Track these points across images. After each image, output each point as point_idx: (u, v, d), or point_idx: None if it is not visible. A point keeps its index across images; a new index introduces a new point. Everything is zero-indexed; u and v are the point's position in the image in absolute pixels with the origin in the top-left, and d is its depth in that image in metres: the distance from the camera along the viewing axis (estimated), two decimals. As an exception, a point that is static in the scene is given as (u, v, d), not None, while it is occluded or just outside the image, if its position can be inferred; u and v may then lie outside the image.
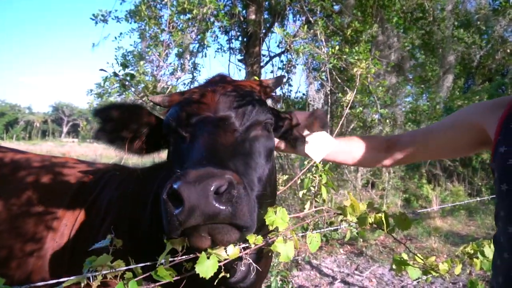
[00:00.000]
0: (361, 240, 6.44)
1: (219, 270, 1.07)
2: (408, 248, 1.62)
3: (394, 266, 1.75)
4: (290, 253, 1.18)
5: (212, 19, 6.50)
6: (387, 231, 1.50)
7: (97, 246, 1.02)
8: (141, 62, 6.38)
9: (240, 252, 1.17)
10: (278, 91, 6.89)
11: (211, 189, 0.96)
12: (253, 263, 1.22)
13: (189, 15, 6.29)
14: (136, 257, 1.08)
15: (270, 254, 1.59)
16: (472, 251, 2.11)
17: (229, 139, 1.26)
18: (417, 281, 4.79)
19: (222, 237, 1.03)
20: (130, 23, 7.30)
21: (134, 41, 7.32)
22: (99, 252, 1.01)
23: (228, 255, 1.11)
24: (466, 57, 6.58)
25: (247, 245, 1.19)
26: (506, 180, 1.30)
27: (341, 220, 1.46)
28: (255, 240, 1.17)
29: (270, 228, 1.22)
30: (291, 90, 7.59)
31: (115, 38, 7.28)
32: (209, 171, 0.99)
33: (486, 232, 7.27)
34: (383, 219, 1.46)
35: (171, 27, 6.40)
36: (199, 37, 7.05)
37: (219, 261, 1.10)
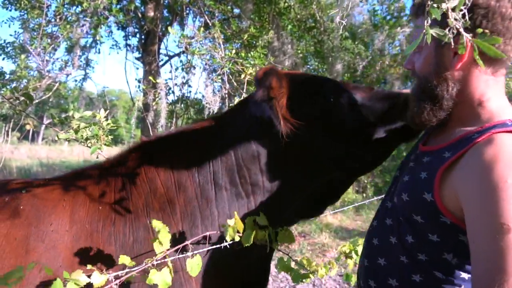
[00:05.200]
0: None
1: None
2: (290, 257, 1.70)
3: (279, 270, 1.83)
4: (168, 279, 1.15)
5: (105, 13, 6.13)
6: (273, 247, 1.54)
7: None
8: (22, 56, 5.77)
9: (109, 281, 1.11)
10: (178, 92, 6.78)
11: None
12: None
13: (79, 8, 5.85)
14: None
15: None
16: (348, 251, 2.29)
17: None
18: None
19: None
20: (10, 10, 6.53)
21: (15, 31, 6.53)
22: None
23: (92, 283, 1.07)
24: (352, 66, 7.22)
25: (118, 273, 1.13)
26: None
27: (230, 239, 1.45)
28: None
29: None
30: (190, 91, 7.53)
31: (-9, 26, 6.46)
32: None
33: (369, 226, 8.00)
34: (266, 237, 1.48)
35: (58, 19, 5.89)
36: (91, 31, 6.61)
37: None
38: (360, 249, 2.23)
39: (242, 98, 3.40)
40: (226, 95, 5.03)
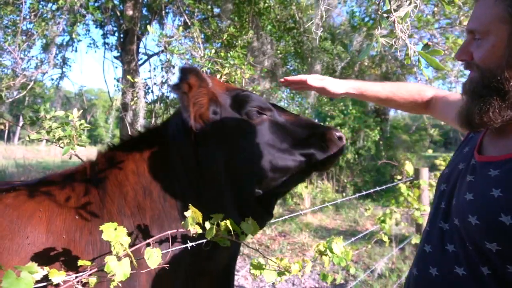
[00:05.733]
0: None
1: None
2: (261, 254, 1.70)
3: (252, 271, 1.83)
4: (127, 271, 1.13)
5: (82, 11, 6.02)
6: (240, 239, 1.54)
7: None
8: (-5, 53, 5.62)
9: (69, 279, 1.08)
10: (157, 91, 6.71)
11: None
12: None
13: (55, 5, 5.73)
14: None
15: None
16: (323, 249, 2.32)
17: None
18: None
19: None
20: (-18, 7, 6.35)
21: (-13, 28, 6.35)
22: None
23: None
24: (331, 67, 7.30)
25: (82, 274, 1.10)
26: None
27: (194, 232, 1.45)
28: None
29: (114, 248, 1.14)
30: (169, 91, 7.47)
31: (-39, 23, 6.26)
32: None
33: (349, 225, 8.09)
34: (229, 225, 1.48)
35: (33, 16, 5.76)
36: (68, 29, 6.48)
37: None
38: (335, 246, 2.27)
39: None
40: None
